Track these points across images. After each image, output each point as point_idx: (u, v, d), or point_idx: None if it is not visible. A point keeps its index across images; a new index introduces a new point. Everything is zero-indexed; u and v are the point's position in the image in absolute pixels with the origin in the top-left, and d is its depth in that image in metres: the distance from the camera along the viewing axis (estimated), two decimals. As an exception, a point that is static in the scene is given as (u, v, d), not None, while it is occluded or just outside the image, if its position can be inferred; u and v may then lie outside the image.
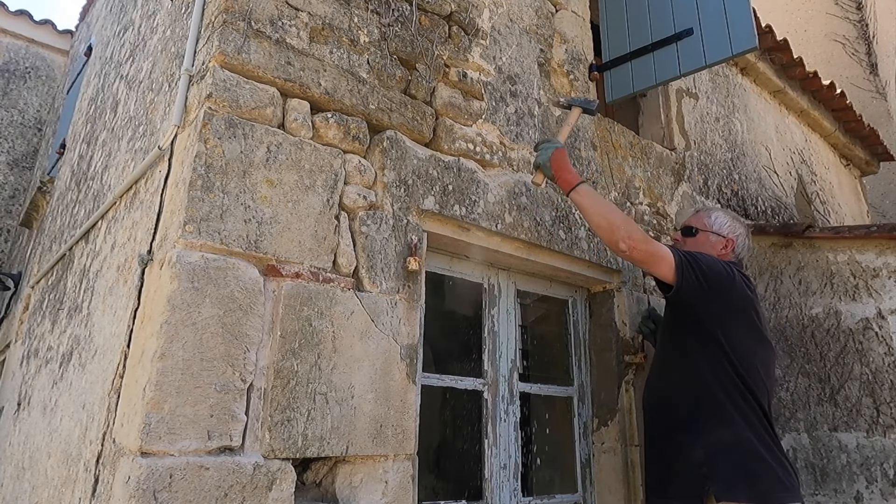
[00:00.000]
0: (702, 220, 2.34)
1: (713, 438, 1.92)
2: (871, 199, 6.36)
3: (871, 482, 2.63)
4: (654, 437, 2.14)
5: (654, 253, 1.97)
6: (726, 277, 2.03)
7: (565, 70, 2.75)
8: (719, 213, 2.36)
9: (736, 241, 2.28)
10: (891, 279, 2.76)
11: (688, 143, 3.41)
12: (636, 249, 1.96)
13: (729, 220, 2.31)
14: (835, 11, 8.00)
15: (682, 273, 1.96)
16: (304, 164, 1.76)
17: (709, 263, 2.04)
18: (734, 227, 2.30)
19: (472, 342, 2.38)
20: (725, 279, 2.03)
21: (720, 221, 2.30)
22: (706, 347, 2.00)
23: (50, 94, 6.58)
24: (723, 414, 1.94)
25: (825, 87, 4.72)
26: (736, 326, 2.01)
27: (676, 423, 2.03)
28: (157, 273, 1.58)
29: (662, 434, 2.09)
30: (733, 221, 2.32)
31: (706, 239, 2.28)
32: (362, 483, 1.67)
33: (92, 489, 1.65)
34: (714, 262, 2.07)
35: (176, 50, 2.14)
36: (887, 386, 2.67)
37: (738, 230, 2.29)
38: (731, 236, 2.27)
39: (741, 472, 1.86)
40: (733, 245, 2.27)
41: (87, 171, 3.17)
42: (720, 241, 2.27)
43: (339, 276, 1.75)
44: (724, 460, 1.89)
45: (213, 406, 1.44)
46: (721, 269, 2.05)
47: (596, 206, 2.03)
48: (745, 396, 1.95)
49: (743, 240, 2.30)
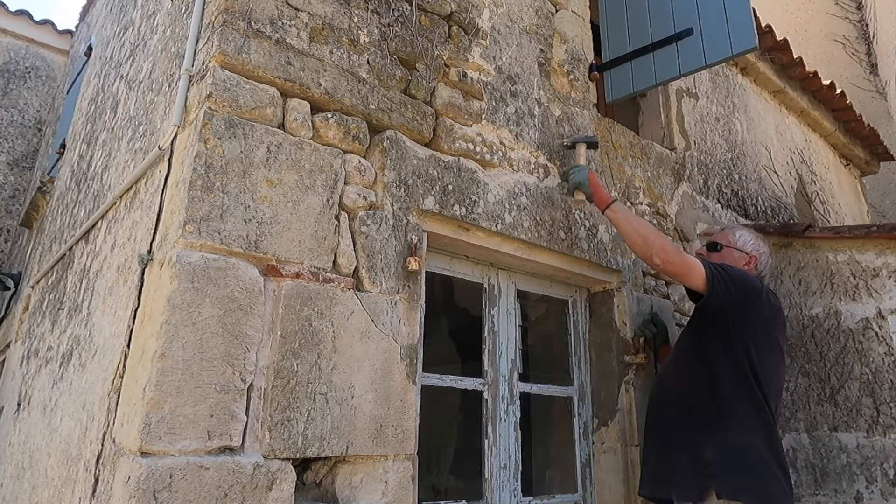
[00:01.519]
0: (727, 237, 2.43)
1: (724, 439, 1.96)
2: (871, 199, 6.35)
3: (871, 482, 2.63)
4: (659, 429, 2.18)
5: (686, 265, 2.08)
6: (754, 289, 2.12)
7: (565, 70, 2.75)
8: (744, 231, 2.44)
9: (759, 258, 2.35)
10: (891, 279, 2.76)
11: (688, 143, 3.40)
12: (669, 262, 2.07)
13: (753, 239, 2.39)
14: (835, 11, 8.00)
15: (712, 283, 2.05)
16: (304, 164, 1.76)
17: (739, 275, 2.13)
18: (758, 246, 2.38)
19: (472, 342, 2.38)
20: (754, 291, 2.12)
21: (744, 239, 2.38)
22: (728, 352, 2.07)
23: (50, 94, 6.58)
24: (735, 417, 1.99)
25: (825, 87, 4.72)
26: (759, 336, 2.08)
27: (688, 420, 2.07)
28: (157, 273, 1.58)
29: (670, 428, 2.13)
30: (757, 240, 2.39)
31: (730, 255, 2.36)
32: (362, 483, 1.67)
33: (92, 489, 1.65)
34: (744, 275, 2.16)
35: (176, 50, 2.14)
36: (887, 386, 2.67)
37: (761, 248, 2.37)
38: (754, 254, 2.35)
39: (747, 475, 1.90)
40: (756, 262, 2.34)
41: (87, 171, 3.17)
42: (743, 258, 2.34)
43: (339, 276, 1.75)
44: (732, 461, 1.93)
45: (213, 406, 1.44)
46: (750, 281, 2.15)
47: (630, 222, 2.19)
48: (758, 402, 2.00)
49: (766, 258, 2.38)
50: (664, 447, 2.13)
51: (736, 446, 1.95)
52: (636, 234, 2.15)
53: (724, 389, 2.03)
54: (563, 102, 2.68)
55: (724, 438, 1.96)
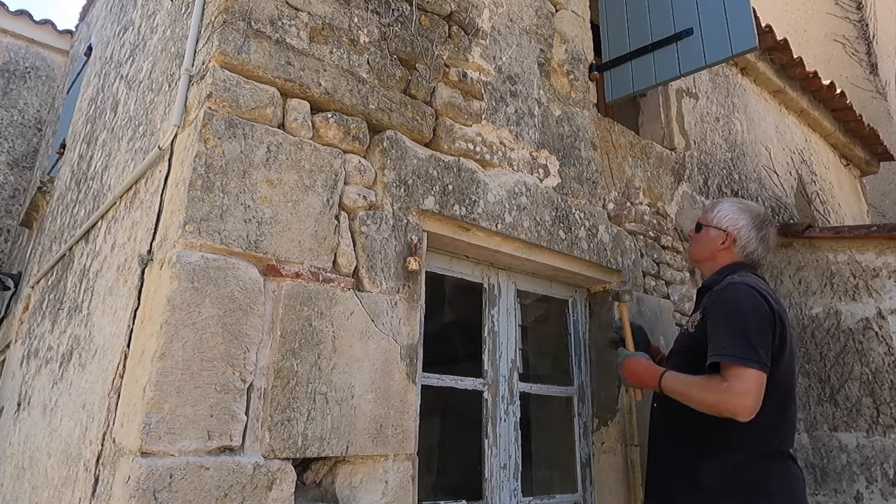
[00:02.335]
0: (706, 214, 2.18)
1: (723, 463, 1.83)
2: (871, 199, 6.36)
3: (871, 482, 2.63)
4: (658, 447, 2.05)
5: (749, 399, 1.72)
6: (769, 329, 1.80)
7: (565, 70, 2.75)
8: (724, 204, 2.15)
9: (736, 234, 2.05)
10: (891, 279, 2.76)
11: (688, 143, 3.41)
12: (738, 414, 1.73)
13: (731, 212, 2.09)
14: (835, 11, 8.00)
15: (767, 369, 1.75)
16: (304, 164, 1.76)
17: (755, 332, 1.77)
18: (735, 220, 2.06)
19: (472, 342, 2.38)
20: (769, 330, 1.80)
21: (721, 214, 2.11)
22: None
23: (50, 94, 6.58)
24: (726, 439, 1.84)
25: (825, 87, 4.72)
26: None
27: (684, 442, 1.94)
28: (157, 273, 1.58)
29: (667, 448, 2.00)
30: (736, 213, 2.08)
31: (706, 234, 2.13)
32: (362, 483, 1.67)
33: (92, 489, 1.65)
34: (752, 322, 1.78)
35: (176, 50, 2.14)
36: (887, 386, 2.67)
37: (740, 222, 2.06)
38: (730, 230, 2.06)
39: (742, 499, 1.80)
40: (733, 238, 2.05)
41: (87, 171, 3.17)
42: (720, 236, 2.08)
43: (339, 276, 1.75)
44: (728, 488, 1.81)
45: (213, 406, 1.44)
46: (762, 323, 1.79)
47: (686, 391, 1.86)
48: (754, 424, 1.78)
49: (747, 232, 2.04)
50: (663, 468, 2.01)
51: (730, 469, 1.82)
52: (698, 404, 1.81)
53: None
54: (563, 102, 2.68)
55: (720, 462, 1.83)
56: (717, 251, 2.10)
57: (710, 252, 2.13)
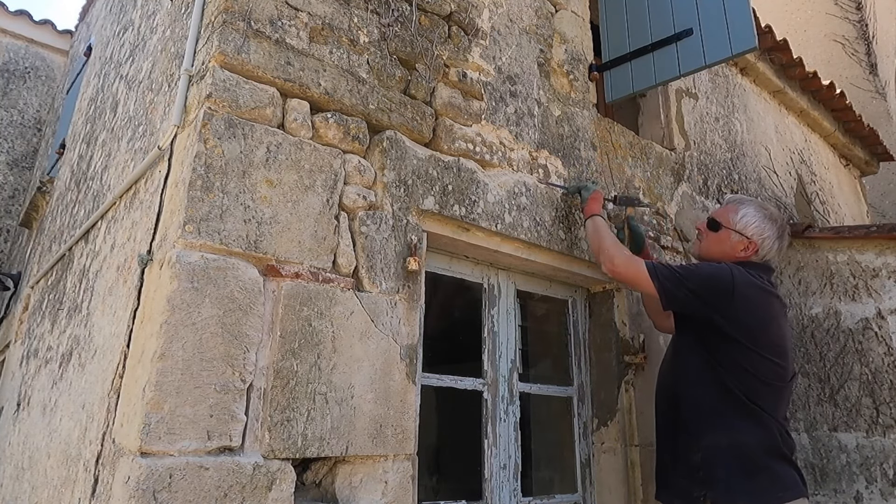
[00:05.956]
0: (727, 215, 2.15)
1: (710, 442, 1.91)
2: (871, 199, 6.36)
3: (871, 482, 2.63)
4: (660, 432, 2.15)
5: (633, 274, 2.06)
6: (723, 287, 1.93)
7: (565, 70, 2.75)
8: (750, 208, 2.13)
9: (760, 244, 2.07)
10: (890, 279, 2.76)
11: (687, 143, 3.41)
12: (617, 271, 2.10)
13: (758, 220, 2.09)
14: (835, 12, 8.00)
15: (664, 292, 1.98)
16: (304, 164, 1.76)
17: (700, 276, 1.97)
18: (762, 229, 2.08)
19: (472, 342, 2.38)
20: (722, 288, 1.93)
21: (746, 220, 2.09)
22: (711, 351, 1.98)
23: (50, 94, 6.58)
24: (721, 417, 1.92)
25: (825, 88, 4.72)
26: (742, 331, 1.93)
27: (678, 423, 2.03)
28: (156, 273, 1.58)
29: (667, 432, 2.10)
30: (763, 221, 2.09)
31: (727, 237, 2.11)
32: (362, 483, 1.67)
33: (91, 489, 1.65)
34: (707, 273, 1.98)
35: (176, 50, 2.14)
36: (887, 386, 2.67)
37: (766, 232, 2.08)
38: (755, 239, 2.07)
39: (738, 477, 1.85)
40: (756, 248, 2.08)
41: (86, 171, 3.17)
42: (742, 242, 2.09)
43: (339, 277, 1.75)
44: (721, 465, 1.88)
45: (213, 406, 1.44)
46: (717, 278, 1.95)
47: (591, 234, 2.27)
48: (747, 400, 1.90)
49: (771, 242, 2.08)
50: (665, 452, 2.09)
51: (722, 448, 1.88)
52: (594, 244, 2.24)
53: (708, 390, 1.95)
54: (562, 102, 2.68)
55: (711, 442, 1.90)
56: (737, 256, 2.10)
57: (726, 255, 2.12)
